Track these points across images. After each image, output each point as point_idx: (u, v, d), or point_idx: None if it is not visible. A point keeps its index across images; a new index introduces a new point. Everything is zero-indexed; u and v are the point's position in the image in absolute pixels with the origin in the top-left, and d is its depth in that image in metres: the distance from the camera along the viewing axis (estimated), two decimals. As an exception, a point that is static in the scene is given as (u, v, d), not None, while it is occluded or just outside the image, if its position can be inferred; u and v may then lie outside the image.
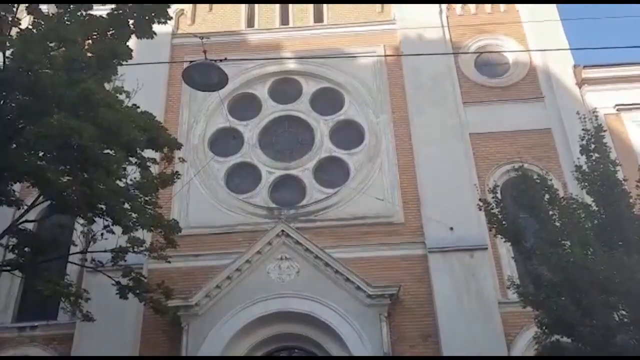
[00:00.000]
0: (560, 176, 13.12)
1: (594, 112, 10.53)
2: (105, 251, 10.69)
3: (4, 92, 9.24)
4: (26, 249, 10.50)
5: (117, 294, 10.56)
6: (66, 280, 10.95)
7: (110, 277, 10.69)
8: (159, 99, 14.92)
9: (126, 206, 10.09)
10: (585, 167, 9.38)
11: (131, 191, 10.33)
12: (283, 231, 12.63)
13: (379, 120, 14.81)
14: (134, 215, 10.15)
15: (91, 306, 10.88)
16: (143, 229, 10.59)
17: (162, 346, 12.12)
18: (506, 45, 15.94)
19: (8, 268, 10.72)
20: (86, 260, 11.57)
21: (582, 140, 9.55)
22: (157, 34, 10.53)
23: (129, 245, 10.57)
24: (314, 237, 12.77)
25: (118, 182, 9.89)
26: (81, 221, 11.14)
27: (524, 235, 9.31)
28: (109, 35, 9.99)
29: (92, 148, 8.85)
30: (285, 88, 15.76)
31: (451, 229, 12.69)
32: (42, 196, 10.18)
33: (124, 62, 10.11)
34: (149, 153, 10.80)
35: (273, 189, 14.28)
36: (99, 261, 10.85)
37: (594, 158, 9.34)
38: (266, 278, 12.29)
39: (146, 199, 10.64)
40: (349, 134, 14.96)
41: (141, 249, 10.73)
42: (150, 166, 10.86)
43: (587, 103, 14.18)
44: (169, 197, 13.13)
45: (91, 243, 11.00)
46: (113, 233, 10.46)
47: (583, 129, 9.63)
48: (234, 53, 15.05)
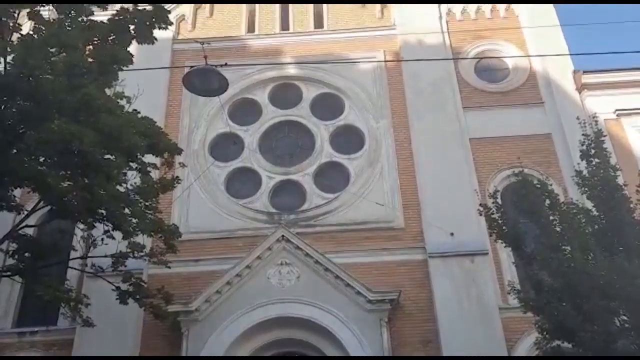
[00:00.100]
0: (560, 181, 13.13)
1: (593, 117, 10.53)
2: (105, 256, 10.69)
3: (4, 98, 9.26)
4: (26, 254, 10.51)
5: (117, 299, 10.56)
6: (66, 286, 10.94)
7: (111, 283, 10.69)
8: (159, 104, 14.95)
9: (126, 211, 10.09)
10: (585, 172, 9.39)
11: (131, 196, 10.34)
12: (283, 236, 12.63)
13: (379, 125, 14.83)
14: (134, 221, 10.15)
15: (91, 311, 10.85)
16: (143, 234, 10.60)
17: (162, 352, 12.07)
18: (506, 51, 15.98)
19: (8, 273, 10.71)
20: (86, 266, 11.54)
21: (582, 145, 9.55)
22: (158, 39, 10.54)
23: (129, 250, 10.57)
24: (314, 242, 12.77)
25: (118, 187, 9.91)
26: (81, 226, 11.16)
27: (524, 240, 9.31)
28: (109, 40, 10.03)
29: (93, 153, 8.87)
30: (285, 93, 15.79)
31: (451, 234, 12.69)
32: (42, 201, 10.19)
33: (125, 68, 10.12)
34: (149, 158, 10.82)
35: (273, 194, 14.28)
36: (99, 266, 10.84)
37: (594, 163, 9.35)
38: (266, 283, 12.28)
39: (146, 204, 10.64)
40: (349, 139, 14.97)
41: (141, 254, 10.73)
42: (150, 171, 10.88)
43: (587, 108, 14.20)
44: (169, 202, 13.14)
45: (91, 248, 11.02)
46: (113, 238, 10.45)
47: (583, 134, 9.63)
48: (235, 58, 15.06)
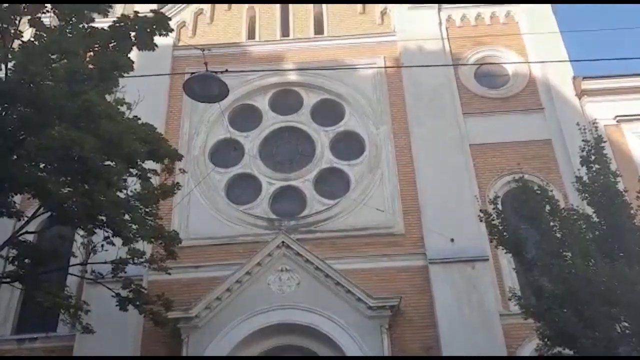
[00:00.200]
0: (560, 187, 13.12)
1: (593, 123, 10.54)
2: (105, 262, 10.67)
3: (5, 104, 9.27)
4: (26, 260, 10.48)
5: (117, 305, 10.53)
6: (66, 292, 10.91)
7: (110, 289, 10.66)
8: (160, 110, 14.97)
9: (127, 217, 10.07)
10: (585, 178, 9.39)
11: (132, 202, 10.32)
12: (283, 242, 12.62)
13: (379, 131, 14.84)
14: (134, 227, 10.13)
15: (91, 318, 10.81)
16: (143, 241, 10.57)
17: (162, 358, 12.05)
18: (506, 57, 16.00)
19: (8, 280, 10.68)
20: (86, 272, 11.50)
21: (583, 151, 9.56)
22: (159, 46, 10.55)
23: (129, 256, 10.55)
24: (315, 249, 12.75)
25: (119, 194, 9.89)
26: (81, 232, 11.12)
27: (524, 246, 9.30)
28: (110, 47, 10.04)
29: (93, 159, 8.86)
30: (285, 99, 15.81)
31: (452, 240, 12.67)
32: (42, 208, 10.17)
33: (125, 74, 10.14)
34: (149, 164, 10.81)
35: (273, 200, 14.27)
36: (99, 273, 10.81)
37: (594, 169, 9.36)
38: (266, 289, 12.26)
39: (147, 210, 10.62)
40: (349, 145, 14.99)
41: (141, 260, 10.71)
42: (150, 177, 10.87)
43: (587, 114, 14.22)
44: (169, 208, 13.14)
45: (91, 254, 10.99)
46: (113, 244, 10.43)
47: (583, 140, 9.64)
48: (235, 65, 15.10)
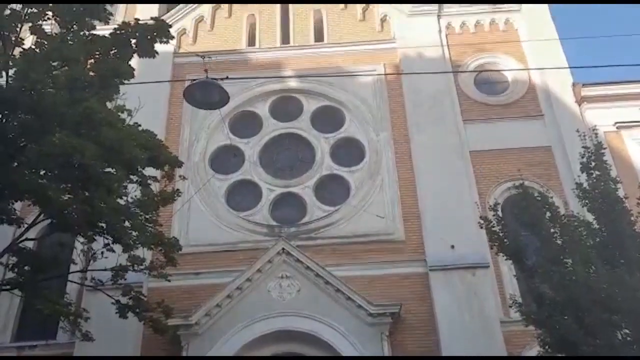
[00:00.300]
0: (561, 194, 13.12)
1: (593, 129, 10.56)
2: (105, 270, 10.64)
3: (6, 111, 9.27)
4: (26, 267, 10.45)
5: (116, 313, 10.49)
6: (66, 299, 10.87)
7: (110, 296, 10.62)
8: (160, 117, 15.00)
9: (127, 224, 10.06)
10: (585, 185, 9.39)
11: (132, 209, 10.31)
12: (284, 249, 12.60)
13: (379, 137, 14.86)
14: (134, 234, 10.12)
15: (91, 325, 10.78)
16: (143, 247, 10.55)
17: (162, 366, 12.02)
18: (505, 64, 16.05)
19: (8, 287, 10.66)
20: (86, 279, 11.49)
21: (583, 157, 9.57)
22: (159, 53, 10.58)
23: (129, 263, 10.53)
24: (315, 255, 12.73)
25: (119, 200, 9.88)
26: (81, 239, 11.09)
27: (525, 253, 9.29)
28: (111, 54, 10.07)
29: (94, 166, 8.87)
30: (286, 106, 15.84)
31: (452, 246, 12.66)
32: (42, 214, 10.17)
33: (126, 81, 10.16)
34: (149, 171, 10.81)
35: (274, 206, 14.27)
36: (98, 280, 10.80)
37: (594, 175, 9.36)
38: (267, 296, 12.23)
39: (147, 217, 10.61)
40: (349, 152, 15.00)
41: (141, 267, 10.69)
42: (151, 184, 10.87)
43: (587, 121, 14.24)
44: (169, 215, 13.12)
45: (91, 261, 10.96)
46: (113, 251, 10.42)
47: (583, 147, 9.65)
48: (235, 71, 15.10)
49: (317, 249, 13.11)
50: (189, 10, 17.54)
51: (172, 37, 10.67)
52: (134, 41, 10.12)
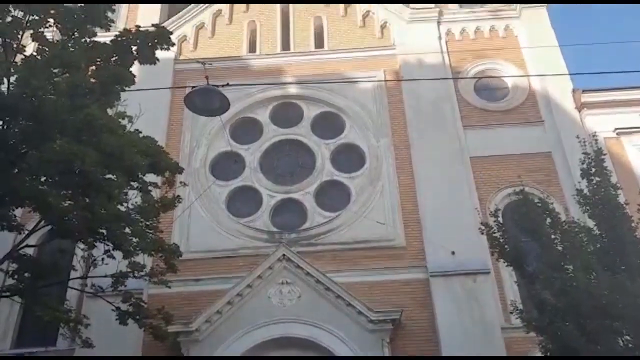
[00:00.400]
0: (561, 199, 13.13)
1: (593, 135, 10.59)
2: (105, 276, 10.62)
3: (7, 117, 9.29)
4: (26, 274, 10.42)
5: (116, 319, 10.46)
6: (66, 306, 10.85)
7: (110, 303, 10.60)
8: (161, 123, 15.04)
9: (127, 231, 10.05)
10: (586, 191, 9.39)
11: (132, 216, 10.30)
12: (284, 255, 12.59)
13: (379, 143, 14.88)
14: (134, 240, 10.11)
15: (91, 332, 10.76)
16: (144, 254, 10.54)
17: (162, 372, 11.99)
18: (505, 70, 16.10)
19: (8, 294, 10.64)
20: (86, 286, 11.48)
21: (583, 163, 9.58)
22: (160, 59, 10.59)
23: (129, 270, 10.51)
24: (315, 261, 12.72)
25: (119, 207, 9.87)
26: (82, 246, 11.08)
27: (526, 259, 9.28)
28: (112, 61, 10.08)
29: (94, 173, 8.86)
30: (286, 112, 15.87)
31: (453, 253, 12.65)
32: (43, 221, 10.15)
33: (127, 88, 10.18)
34: (150, 177, 10.81)
35: (274, 212, 14.27)
36: (99, 286, 10.77)
37: (594, 182, 9.37)
38: (267, 303, 12.21)
39: (147, 223, 10.60)
40: (349, 158, 15.02)
41: (141, 273, 10.66)
42: (151, 190, 10.86)
43: (587, 127, 14.25)
44: (170, 221, 13.10)
45: (91, 268, 10.93)
46: (113, 258, 10.40)
47: (583, 153, 9.67)
48: (236, 78, 15.18)
49: (317, 255, 13.11)
50: (189, 17, 17.62)
51: (173, 44, 10.69)
52: (134, 48, 10.14)
